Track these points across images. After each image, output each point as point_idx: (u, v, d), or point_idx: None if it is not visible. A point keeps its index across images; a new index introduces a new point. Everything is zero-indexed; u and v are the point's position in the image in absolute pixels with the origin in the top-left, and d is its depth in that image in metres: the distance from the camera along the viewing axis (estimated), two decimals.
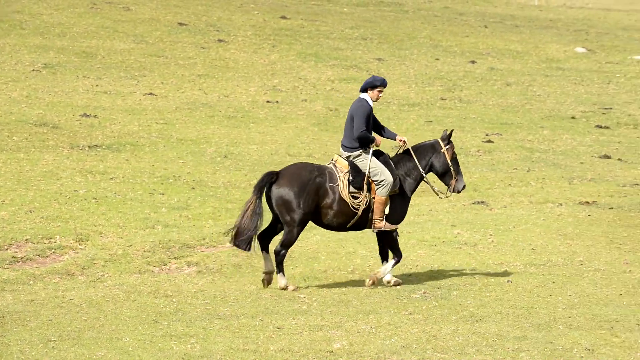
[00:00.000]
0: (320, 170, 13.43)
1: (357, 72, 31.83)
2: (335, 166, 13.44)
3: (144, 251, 15.61)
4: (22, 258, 14.94)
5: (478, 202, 19.22)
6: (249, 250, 13.43)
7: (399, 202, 13.50)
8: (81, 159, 20.79)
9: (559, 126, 26.88)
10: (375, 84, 13.59)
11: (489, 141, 24.90)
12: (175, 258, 15.50)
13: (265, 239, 13.59)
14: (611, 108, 29.00)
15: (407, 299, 13.04)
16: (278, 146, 23.27)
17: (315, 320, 11.93)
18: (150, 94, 27.02)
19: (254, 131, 24.54)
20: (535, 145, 24.73)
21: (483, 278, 14.17)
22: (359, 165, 13.39)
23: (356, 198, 13.36)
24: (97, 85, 27.32)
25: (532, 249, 15.90)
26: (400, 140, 13.60)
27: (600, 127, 26.83)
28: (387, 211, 13.42)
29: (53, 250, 15.39)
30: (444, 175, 13.68)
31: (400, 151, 13.76)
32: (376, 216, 13.38)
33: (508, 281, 13.95)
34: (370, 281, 13.58)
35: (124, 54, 30.77)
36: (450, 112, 27.89)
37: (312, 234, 16.71)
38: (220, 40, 33.53)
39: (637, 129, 27.00)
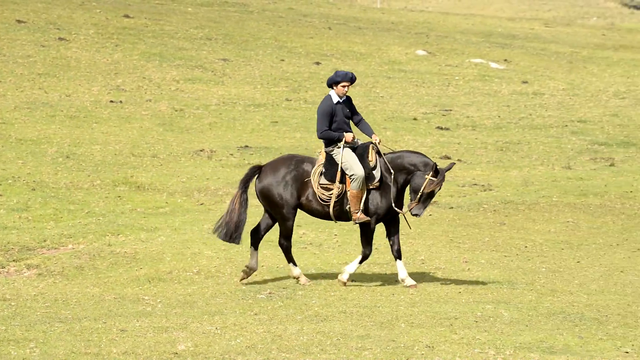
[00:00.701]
0: (299, 162, 13.52)
1: (203, 72, 31.69)
2: (318, 158, 13.62)
3: None
4: None
5: None
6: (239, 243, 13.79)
7: (378, 195, 13.50)
8: None
9: (402, 127, 27.38)
10: (336, 80, 13.39)
11: None
12: (14, 261, 15.12)
13: (256, 234, 13.75)
14: (451, 110, 29.71)
15: (252, 300, 13.06)
16: (122, 146, 22.96)
17: (159, 322, 11.82)
18: None
19: (97, 131, 24.15)
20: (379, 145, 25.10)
21: (328, 278, 14.30)
22: (334, 158, 13.43)
23: (329, 190, 13.39)
24: None
25: (376, 248, 16.13)
26: (376, 140, 13.62)
27: (441, 128, 27.45)
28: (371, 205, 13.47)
29: None
30: (412, 192, 13.59)
31: (376, 150, 13.66)
32: (352, 208, 13.46)
33: (352, 280, 14.12)
34: (341, 282, 13.62)
35: None
36: (295, 113, 28.06)
37: (157, 234, 16.57)
38: (61, 39, 32.84)
39: (475, 130, 27.73)
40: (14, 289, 13.76)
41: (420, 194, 13.50)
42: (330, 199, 13.44)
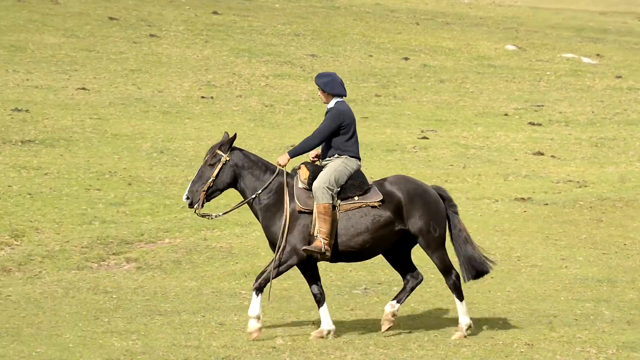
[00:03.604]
0: None
1: (291, 68, 31.78)
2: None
3: (82, 247, 15.42)
4: None
5: None
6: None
7: None
8: (14, 154, 20.48)
9: (493, 123, 27.14)
10: None
11: (424, 137, 25.04)
12: (114, 254, 15.34)
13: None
14: (542, 105, 29.37)
15: (348, 295, 13.07)
16: (214, 142, 23.02)
17: None
18: (83, 88, 26.69)
19: (190, 127, 24.39)
20: (470, 141, 24.93)
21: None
22: None
23: None
24: (27, 80, 26.91)
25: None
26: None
27: (533, 124, 27.15)
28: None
29: None
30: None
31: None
32: None
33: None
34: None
35: (54, 48, 30.34)
36: (385, 109, 28.01)
37: (251, 229, 16.67)
38: (152, 35, 33.23)
39: (568, 126, 27.37)
40: (114, 282, 13.97)
41: None
42: None
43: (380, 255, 11.11)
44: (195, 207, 11.20)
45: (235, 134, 11.55)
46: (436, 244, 11.09)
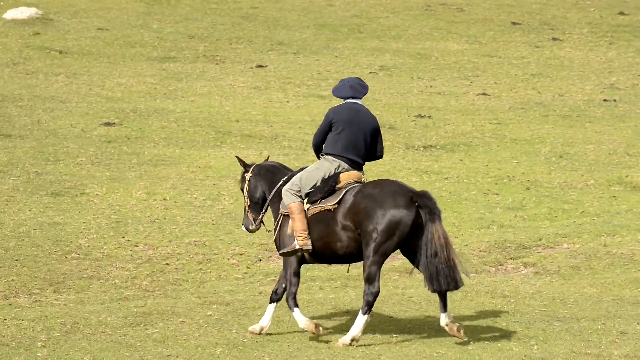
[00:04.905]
0: None
1: None
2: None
3: (480, 251, 15.62)
4: None
5: None
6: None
7: None
8: (416, 159, 21.13)
9: None
10: None
11: None
12: (511, 258, 15.40)
13: None
14: None
15: None
16: (616, 146, 22.59)
17: None
18: (483, 94, 27.02)
19: (590, 130, 23.96)
20: None
21: None
22: None
23: None
24: (431, 86, 27.66)
25: None
26: None
27: None
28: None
29: None
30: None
31: None
32: None
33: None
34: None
35: (457, 55, 30.97)
36: None
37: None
38: (554, 39, 32.98)
39: None
40: (512, 286, 14.03)
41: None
42: None
43: None
44: (252, 228, 11.63)
45: (237, 157, 11.89)
46: (373, 250, 10.84)
